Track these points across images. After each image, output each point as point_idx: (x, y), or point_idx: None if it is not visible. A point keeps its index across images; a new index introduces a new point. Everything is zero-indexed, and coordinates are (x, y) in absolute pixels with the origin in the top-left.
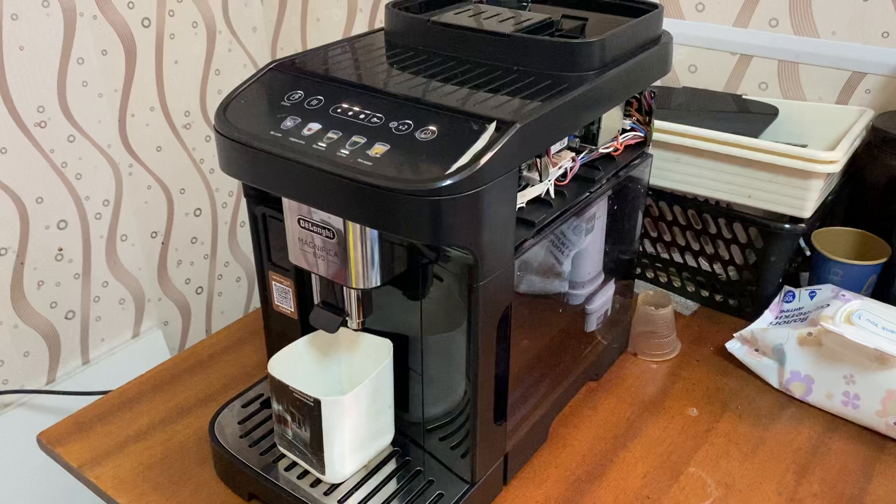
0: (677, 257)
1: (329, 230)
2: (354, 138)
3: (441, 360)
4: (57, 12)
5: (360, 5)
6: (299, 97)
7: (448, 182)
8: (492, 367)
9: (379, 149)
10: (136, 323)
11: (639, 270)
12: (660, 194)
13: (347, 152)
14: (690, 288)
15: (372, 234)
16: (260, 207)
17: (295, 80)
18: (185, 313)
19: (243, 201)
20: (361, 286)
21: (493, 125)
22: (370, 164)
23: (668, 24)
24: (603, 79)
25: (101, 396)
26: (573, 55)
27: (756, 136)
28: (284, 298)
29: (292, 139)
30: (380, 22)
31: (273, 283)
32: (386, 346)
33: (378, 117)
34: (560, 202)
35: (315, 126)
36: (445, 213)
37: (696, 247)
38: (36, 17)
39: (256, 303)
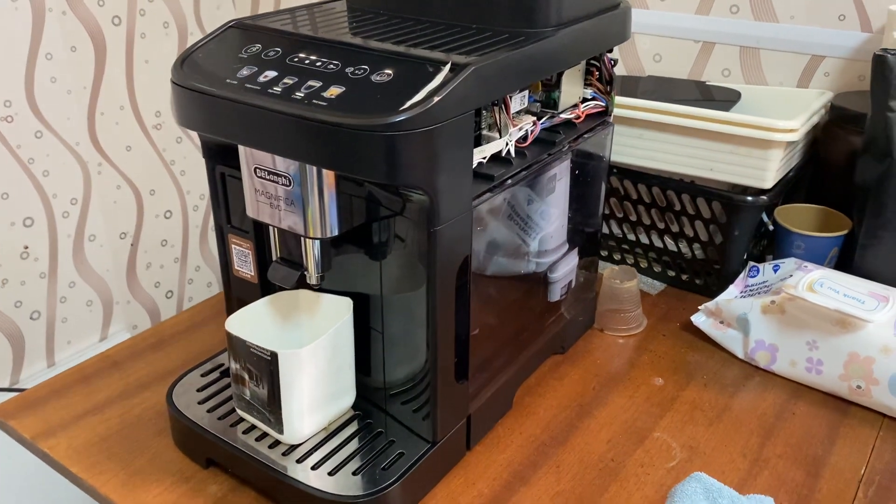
0: (643, 238)
1: (285, 177)
2: (310, 82)
3: (402, 320)
4: (25, 6)
5: None
6: (257, 49)
7: (402, 118)
8: (452, 321)
9: (334, 90)
10: (104, 326)
11: (605, 253)
12: (624, 173)
13: (303, 94)
14: (657, 268)
15: (328, 180)
16: (219, 167)
17: (253, 35)
18: (155, 317)
19: None
20: (319, 235)
21: (448, 66)
22: (325, 104)
23: (632, 14)
24: (560, 34)
25: (54, 376)
26: (530, 11)
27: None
28: (244, 262)
29: (248, 85)
30: None
31: (233, 246)
32: (346, 303)
33: (335, 64)
34: (520, 162)
35: (271, 73)
36: (400, 149)
37: (661, 225)
38: (3, 10)
39: None
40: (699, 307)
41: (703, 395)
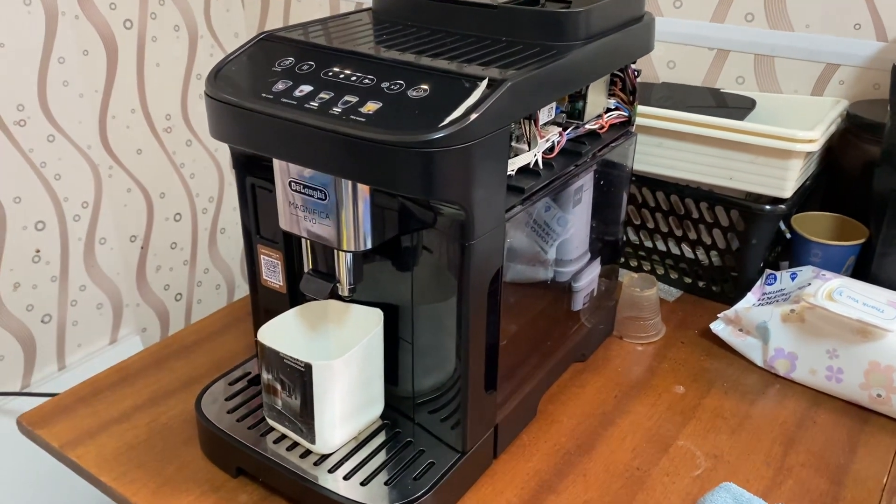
0: (661, 245)
1: (320, 191)
2: (347, 97)
3: (432, 330)
4: (38, 11)
5: (343, 6)
6: (290, 63)
7: (441, 134)
8: (483, 332)
9: (371, 106)
10: (114, 329)
11: (623, 259)
12: (643, 180)
13: (340, 110)
14: (674, 275)
15: (363, 193)
16: (249, 178)
17: (285, 48)
18: (164, 320)
19: (224, 207)
20: (353, 248)
21: (485, 82)
22: (362, 119)
23: None
24: (589, 48)
25: (80, 383)
26: (560, 25)
27: None
28: (273, 272)
29: (284, 100)
30: None
31: (262, 256)
32: (376, 314)
33: (370, 79)
34: (548, 173)
35: (306, 88)
36: (438, 165)
37: (678, 233)
38: (17, 14)
39: None
40: (718, 315)
41: (724, 403)
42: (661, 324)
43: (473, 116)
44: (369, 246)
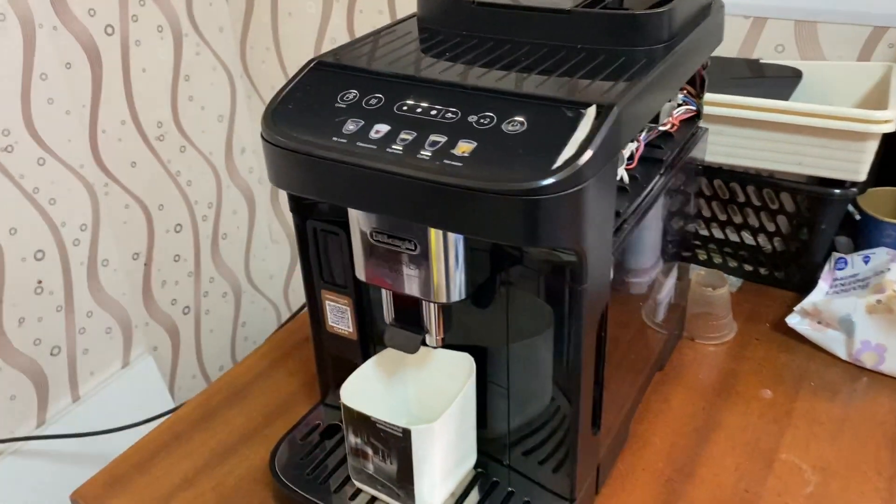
0: (717, 233)
1: (409, 241)
2: (433, 137)
3: (529, 372)
4: (14, 25)
5: None
6: (354, 97)
7: (554, 179)
8: (591, 373)
9: (465, 147)
10: (125, 351)
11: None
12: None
13: (430, 153)
14: (732, 263)
15: (457, 241)
16: (311, 222)
17: (343, 77)
18: (174, 336)
19: (223, 213)
20: (447, 300)
21: (593, 110)
22: (460, 164)
23: None
24: (676, 52)
25: (132, 446)
26: (643, 28)
27: (785, 100)
28: (341, 319)
29: (361, 144)
30: (360, 12)
31: (327, 302)
32: (466, 361)
33: (452, 112)
34: (636, 187)
35: (383, 127)
36: (552, 213)
37: (738, 220)
38: None
39: (245, 317)
40: (794, 308)
41: (817, 406)
42: (733, 321)
43: (588, 155)
44: (464, 296)
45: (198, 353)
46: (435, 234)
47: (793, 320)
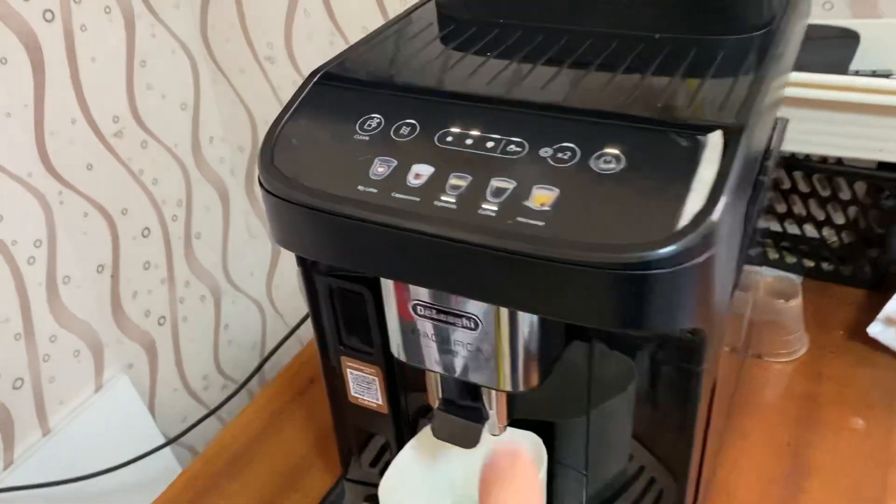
0: (774, 226)
1: (468, 318)
2: (496, 183)
3: (613, 452)
4: None
5: None
6: (379, 124)
7: (682, 244)
8: (700, 451)
9: (543, 196)
10: (97, 374)
11: None
12: None
13: (496, 209)
14: (790, 259)
15: (533, 321)
16: (326, 279)
17: (358, 96)
18: (151, 350)
19: (195, 211)
20: (515, 389)
21: (718, 136)
22: (540, 223)
23: None
24: (777, 38)
25: None
26: (738, 11)
27: (845, 69)
28: (367, 390)
29: (398, 195)
30: None
31: (348, 370)
32: (533, 442)
33: (517, 143)
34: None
35: (424, 169)
36: (675, 286)
37: (799, 212)
38: None
39: (227, 319)
40: (878, 317)
41: None
42: (805, 334)
43: (722, 205)
44: (538, 383)
45: (178, 364)
46: (498, 311)
47: (875, 329)
